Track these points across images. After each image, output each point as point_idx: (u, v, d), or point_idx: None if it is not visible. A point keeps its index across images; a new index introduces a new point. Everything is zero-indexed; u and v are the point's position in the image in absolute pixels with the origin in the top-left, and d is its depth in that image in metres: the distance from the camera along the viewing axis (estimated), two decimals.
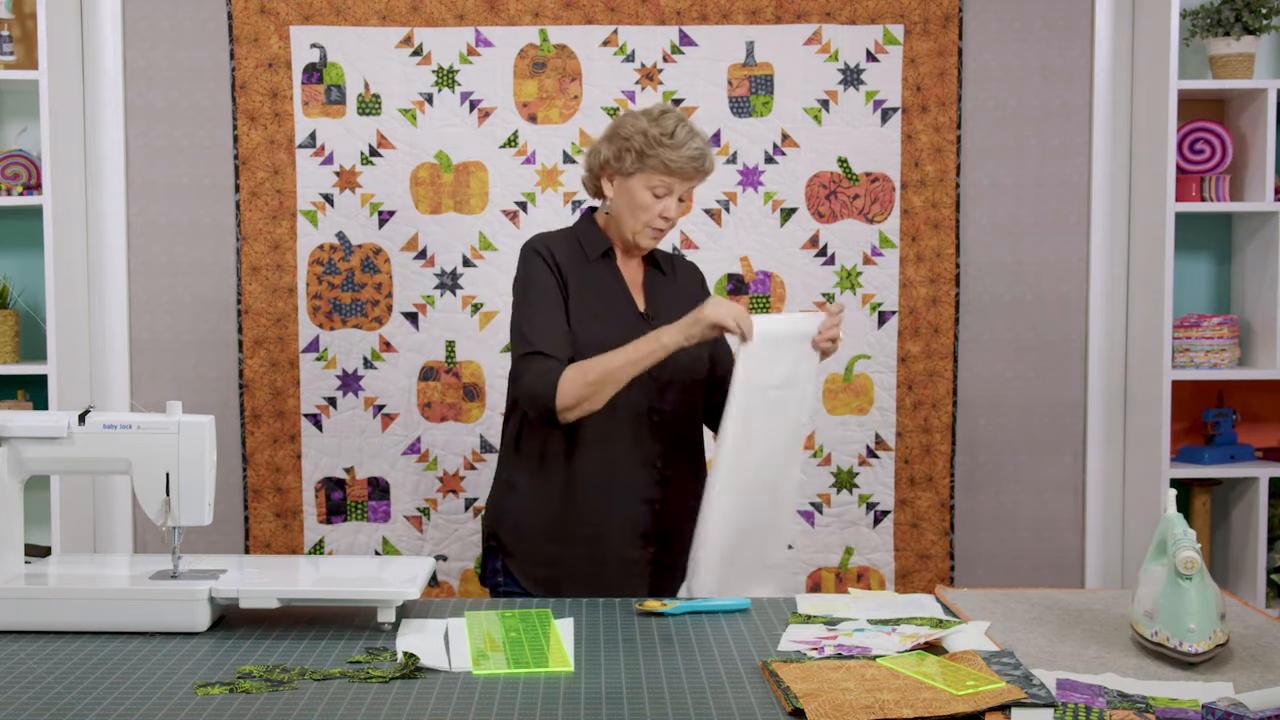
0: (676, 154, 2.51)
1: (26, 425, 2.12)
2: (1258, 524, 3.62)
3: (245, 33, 3.65)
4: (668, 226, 2.59)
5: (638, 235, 2.58)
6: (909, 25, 3.70)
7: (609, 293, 2.61)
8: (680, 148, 2.51)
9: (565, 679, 1.80)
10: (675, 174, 2.53)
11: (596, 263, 2.62)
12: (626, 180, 2.57)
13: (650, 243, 2.60)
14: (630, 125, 2.56)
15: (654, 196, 2.54)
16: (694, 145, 2.52)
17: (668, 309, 2.64)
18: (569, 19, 3.67)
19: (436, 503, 3.73)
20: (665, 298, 2.68)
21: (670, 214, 2.56)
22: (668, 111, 2.57)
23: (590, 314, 2.57)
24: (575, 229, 2.67)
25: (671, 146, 2.51)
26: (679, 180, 2.54)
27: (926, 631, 1.97)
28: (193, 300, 3.71)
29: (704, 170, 2.56)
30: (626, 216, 2.58)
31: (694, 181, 2.57)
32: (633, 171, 2.55)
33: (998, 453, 3.78)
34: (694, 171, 2.54)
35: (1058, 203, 3.74)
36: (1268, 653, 1.91)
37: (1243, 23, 3.58)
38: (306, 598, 2.06)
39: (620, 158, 2.56)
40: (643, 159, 2.53)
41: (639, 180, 2.55)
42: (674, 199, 2.56)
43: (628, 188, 2.57)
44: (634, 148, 2.54)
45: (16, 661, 1.88)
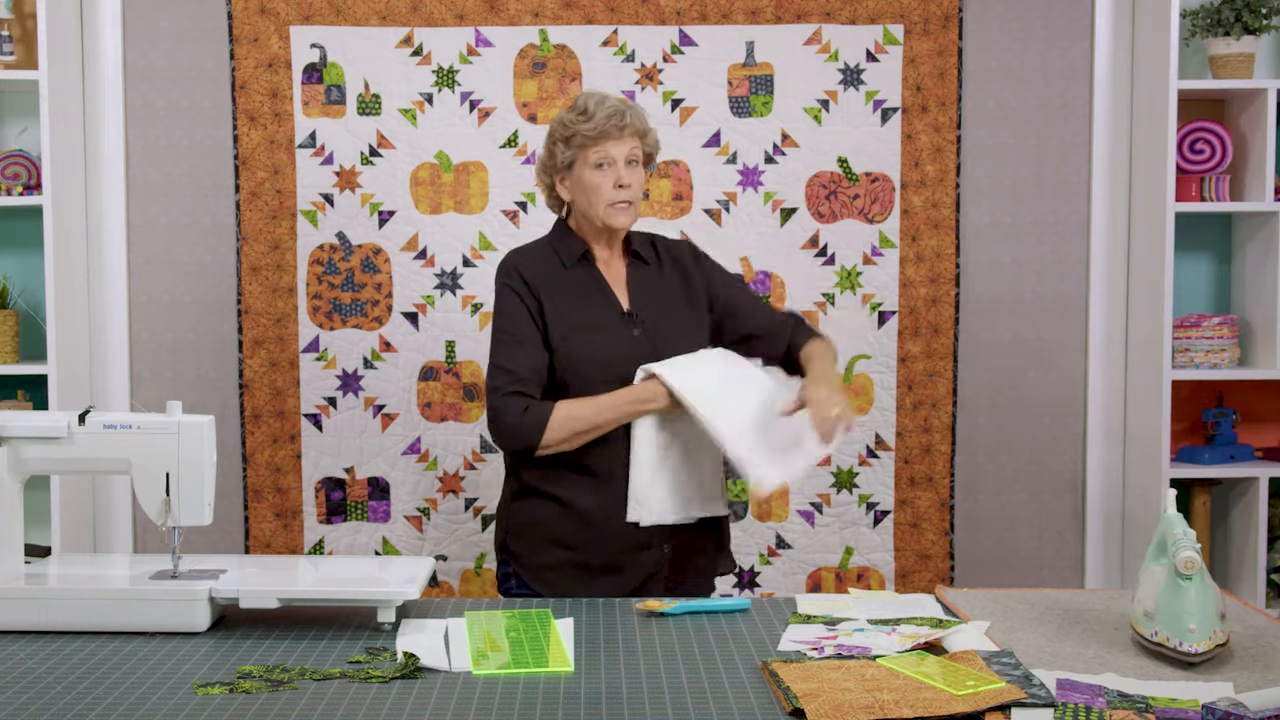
0: (592, 121, 2.51)
1: (26, 425, 2.12)
2: (1258, 524, 3.62)
3: (245, 33, 3.65)
4: (630, 197, 2.54)
5: (607, 217, 2.54)
6: (909, 25, 3.70)
7: (590, 297, 2.59)
8: (594, 115, 2.51)
9: (565, 679, 1.80)
10: (602, 139, 2.51)
11: (575, 268, 2.60)
12: (571, 173, 2.57)
13: (624, 220, 2.56)
14: (552, 124, 2.61)
15: (598, 170, 2.52)
16: (608, 106, 2.52)
17: (656, 300, 2.62)
18: (569, 19, 3.67)
19: (436, 503, 3.73)
20: (652, 289, 2.64)
21: (625, 181, 2.53)
22: (581, 94, 2.59)
23: (573, 323, 2.54)
24: (550, 238, 2.66)
25: (586, 119, 2.52)
26: (611, 144, 2.52)
27: (926, 631, 1.97)
28: (193, 300, 3.71)
29: (628, 125, 2.53)
30: (587, 205, 2.56)
31: (628, 142, 2.54)
32: (570, 161, 2.55)
33: (998, 453, 3.78)
34: (617, 130, 2.51)
35: (1058, 203, 3.74)
36: (1268, 653, 1.91)
37: (1243, 23, 3.58)
38: (306, 598, 2.06)
39: (553, 155, 2.58)
40: (570, 143, 2.54)
41: (580, 165, 2.54)
42: (621, 166, 2.53)
43: (575, 179, 2.56)
44: (558, 138, 2.56)
45: (16, 661, 1.88)
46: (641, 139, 2.57)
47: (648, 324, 2.59)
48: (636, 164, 2.56)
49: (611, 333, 2.55)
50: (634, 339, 2.57)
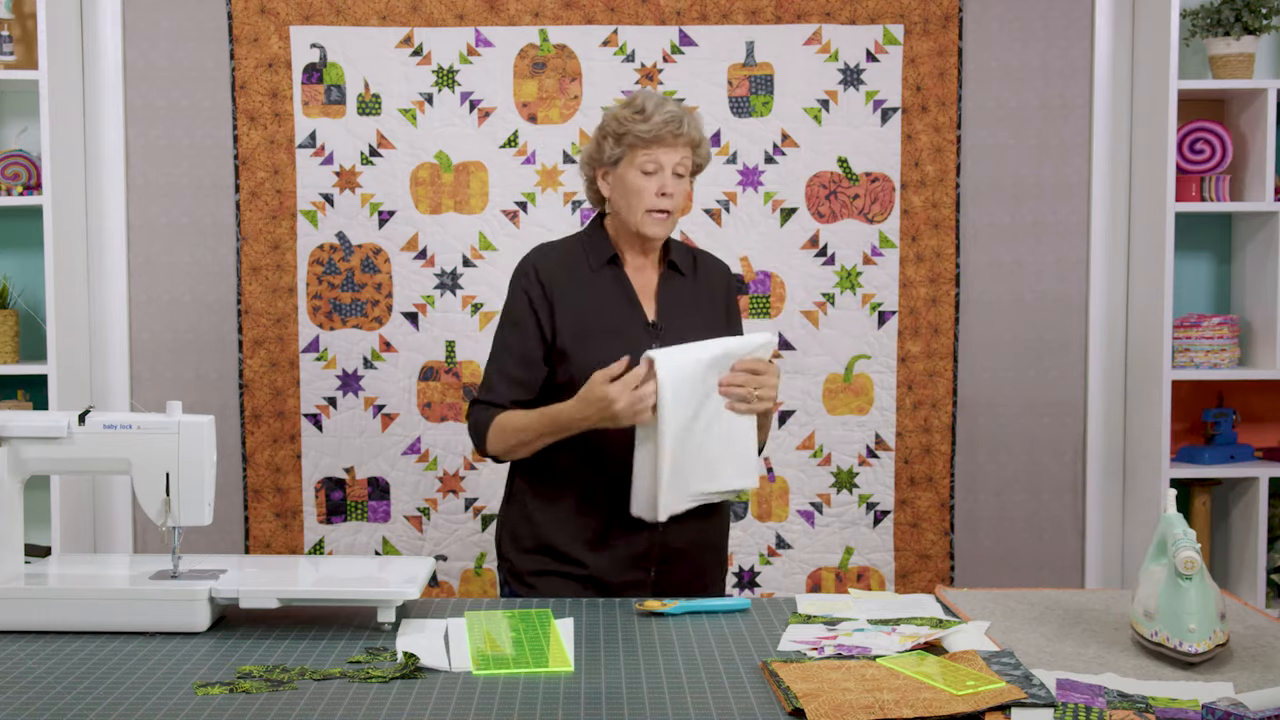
0: (649, 124, 2.44)
1: (26, 425, 2.12)
2: (1258, 524, 3.62)
3: (245, 33, 3.65)
4: (671, 207, 2.47)
5: (643, 225, 2.47)
6: (909, 25, 3.70)
7: (613, 303, 2.50)
8: (651, 117, 2.44)
9: (565, 679, 1.80)
10: (655, 144, 2.44)
11: (601, 271, 2.52)
12: (615, 170, 2.49)
13: (659, 230, 2.48)
14: (605, 117, 2.54)
15: (644, 174, 2.45)
16: (666, 110, 2.44)
17: (685, 314, 2.55)
18: (569, 19, 3.67)
19: (436, 503, 3.73)
20: (683, 302, 2.56)
21: (668, 190, 2.46)
22: (640, 92, 2.52)
23: (590, 328, 2.47)
24: (582, 236, 2.59)
25: (642, 119, 2.45)
26: (662, 151, 2.45)
27: (926, 631, 1.97)
28: (193, 300, 3.71)
29: (684, 134, 2.46)
30: (625, 207, 2.49)
31: (679, 151, 2.47)
32: (617, 158, 2.48)
33: (998, 453, 3.78)
34: (672, 137, 2.45)
35: (1058, 203, 3.74)
36: (1268, 653, 1.91)
37: (1243, 23, 3.58)
38: (306, 598, 2.06)
39: (600, 148, 2.52)
40: (620, 140, 2.47)
41: (626, 165, 2.47)
42: (668, 174, 2.46)
43: (619, 177, 2.49)
44: (610, 133, 2.49)
45: (16, 661, 1.88)
46: (694, 150, 2.49)
47: (671, 337, 2.48)
48: (684, 175, 2.49)
49: (630, 342, 2.44)
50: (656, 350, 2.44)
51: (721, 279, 2.66)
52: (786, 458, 3.75)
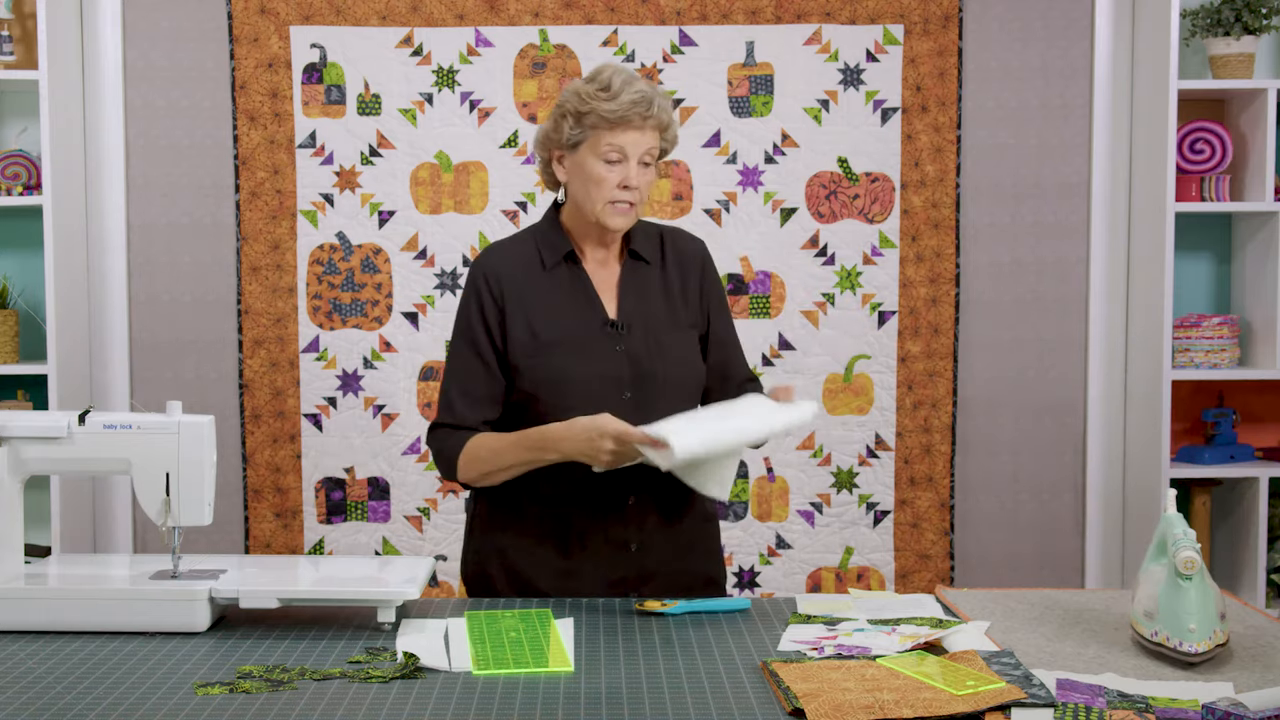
0: (614, 103, 2.19)
1: (26, 425, 2.12)
2: (1258, 524, 3.62)
3: (245, 33, 3.65)
4: (635, 199, 2.24)
5: (602, 215, 2.24)
6: (909, 25, 3.70)
7: (570, 305, 2.30)
8: (618, 95, 2.20)
9: (565, 679, 1.80)
10: (619, 126, 2.20)
11: (557, 269, 2.31)
12: (574, 154, 2.25)
13: (620, 221, 2.26)
14: (566, 91, 2.28)
15: (606, 163, 2.22)
16: (634, 89, 2.20)
17: (647, 309, 2.33)
18: (569, 19, 3.67)
19: (436, 503, 3.73)
20: (648, 295, 2.34)
21: (632, 181, 2.22)
22: (605, 66, 2.27)
23: (544, 338, 2.27)
24: (535, 232, 2.37)
25: (607, 97, 2.20)
26: (628, 135, 2.21)
27: (926, 631, 1.97)
28: (193, 300, 3.71)
29: (652, 117, 2.22)
30: (584, 197, 2.25)
31: (647, 136, 2.23)
32: (577, 141, 2.24)
33: (998, 453, 3.78)
34: (640, 120, 2.21)
35: (1058, 202, 3.74)
36: (1268, 653, 1.91)
37: (1243, 23, 3.58)
38: (306, 598, 2.06)
39: (559, 128, 2.26)
40: (581, 121, 2.22)
41: (586, 149, 2.23)
42: (633, 163, 2.22)
43: (577, 163, 2.25)
44: (570, 111, 2.24)
45: (16, 661, 1.88)
46: (662, 133, 2.26)
47: (634, 336, 2.29)
48: (650, 163, 2.26)
49: (589, 349, 2.27)
50: (614, 355, 2.28)
51: (694, 260, 2.41)
52: (786, 458, 3.75)
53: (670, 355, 2.31)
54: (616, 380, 2.27)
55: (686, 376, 2.34)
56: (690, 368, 2.35)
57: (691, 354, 2.35)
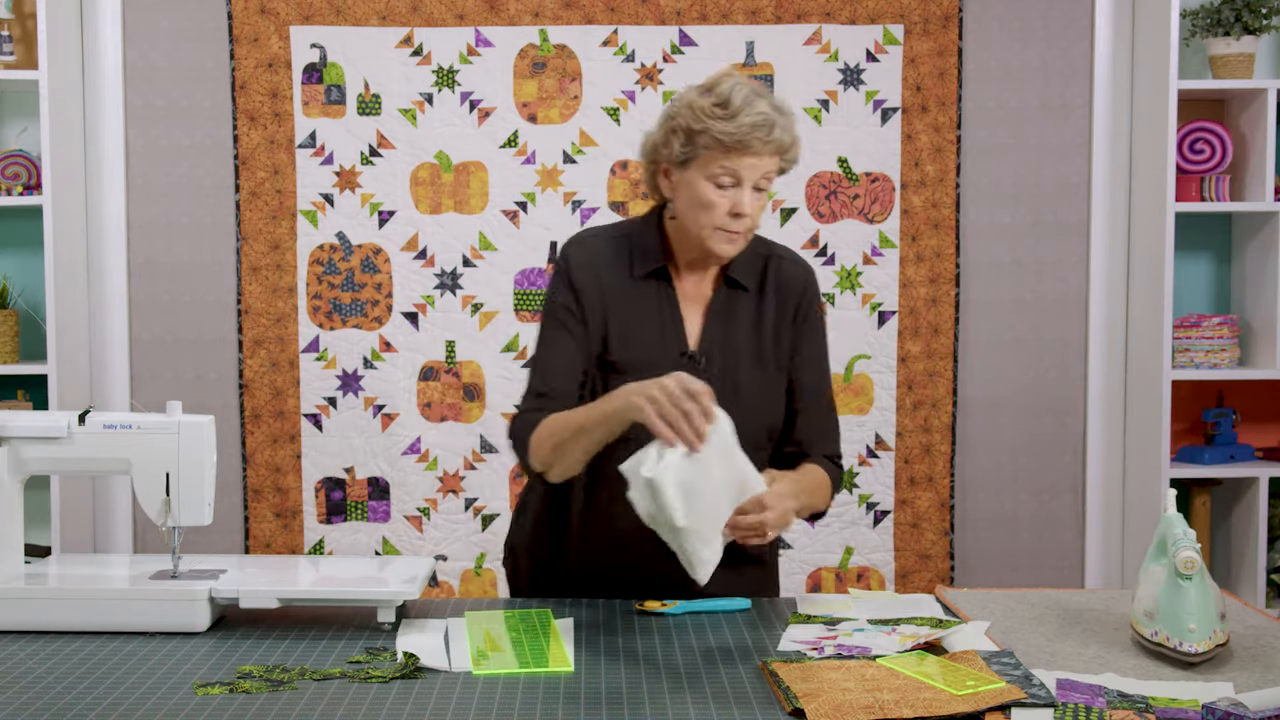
0: (732, 124, 1.98)
1: (26, 425, 2.12)
2: (1258, 524, 3.62)
3: (245, 33, 3.65)
4: (745, 227, 2.04)
5: (710, 241, 2.05)
6: (909, 25, 3.70)
7: (649, 325, 2.11)
8: (736, 115, 1.98)
9: (565, 679, 1.79)
10: (736, 150, 1.99)
11: (645, 281, 2.12)
12: (683, 172, 2.04)
13: (728, 249, 2.06)
14: (679, 100, 2.06)
15: (717, 187, 2.02)
16: (756, 110, 1.99)
17: (732, 343, 2.13)
18: (569, 19, 3.67)
19: (436, 503, 3.73)
20: (735, 327, 2.14)
21: (744, 209, 2.02)
22: (726, 77, 2.05)
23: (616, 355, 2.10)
24: (632, 230, 2.17)
25: (725, 116, 1.99)
26: (744, 160, 2.00)
27: (926, 631, 1.97)
28: (193, 300, 3.70)
29: (773, 141, 2.01)
30: (691, 219, 2.05)
31: (765, 160, 2.01)
32: (686, 159, 2.03)
33: (998, 453, 3.78)
34: (760, 144, 1.99)
35: (1058, 203, 3.74)
36: (1268, 653, 1.91)
37: (1243, 23, 3.58)
38: (306, 598, 2.06)
39: (668, 142, 2.05)
40: (693, 140, 2.01)
41: (696, 169, 2.02)
42: (746, 189, 2.02)
43: (686, 181, 2.04)
44: (681, 126, 2.02)
45: (16, 661, 1.88)
46: (782, 155, 2.04)
47: (710, 372, 2.10)
48: (765, 188, 2.05)
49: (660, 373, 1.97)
50: None
51: (795, 291, 2.20)
52: None
53: (745, 399, 2.11)
54: None
55: (757, 424, 2.13)
56: (764, 416, 2.16)
57: (770, 399, 2.16)
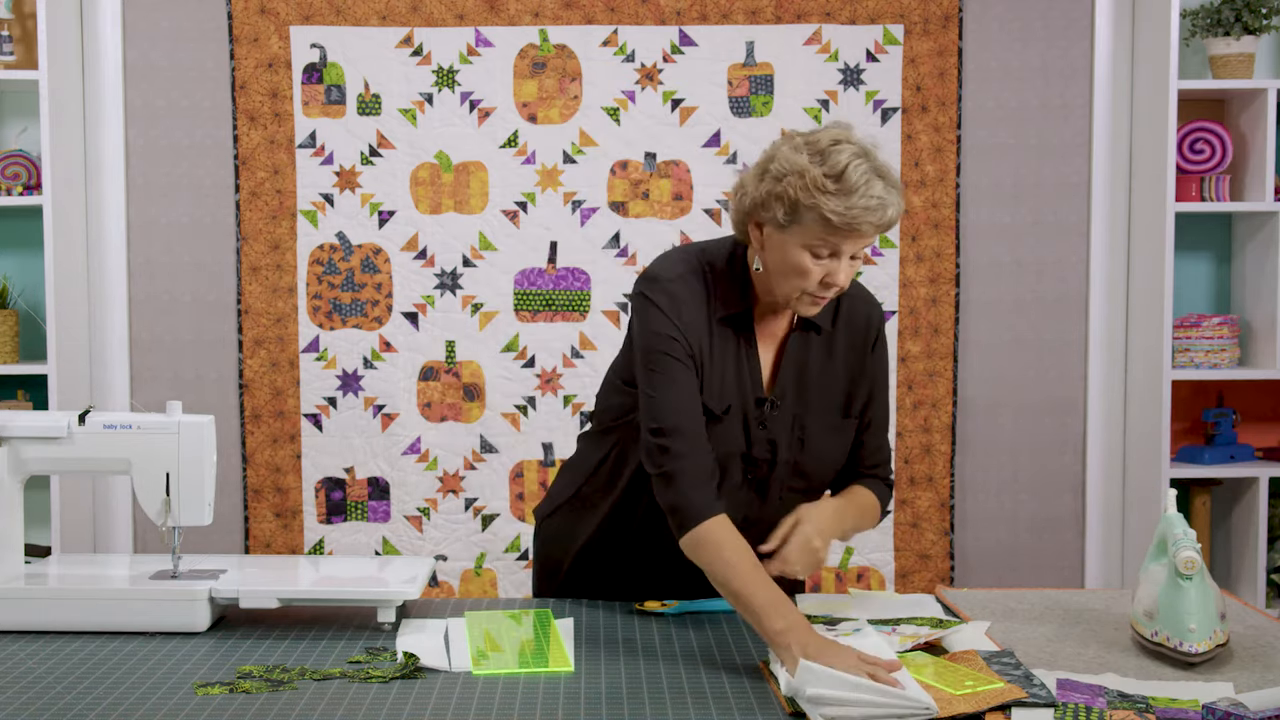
0: (844, 204, 1.86)
1: (26, 425, 2.12)
2: (1258, 524, 3.62)
3: (245, 33, 3.65)
4: (834, 294, 1.96)
5: (795, 304, 1.97)
6: (909, 25, 3.70)
7: (729, 366, 2.02)
8: (851, 194, 1.85)
9: (565, 679, 1.80)
10: (842, 231, 1.87)
11: (726, 321, 2.02)
12: (779, 234, 1.92)
13: (812, 310, 1.98)
14: (786, 161, 1.92)
15: (814, 257, 1.91)
16: (872, 194, 1.86)
17: (807, 387, 2.07)
18: (569, 19, 3.67)
19: (436, 503, 3.73)
20: (809, 370, 2.07)
21: (837, 279, 1.91)
22: (840, 144, 1.91)
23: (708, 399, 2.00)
24: (713, 271, 2.04)
25: (838, 193, 1.86)
26: (849, 239, 1.89)
27: (926, 631, 1.97)
28: (193, 300, 3.70)
29: (882, 225, 1.89)
30: (778, 278, 1.95)
31: (867, 239, 1.91)
32: (785, 224, 1.90)
33: (998, 453, 3.78)
34: (870, 228, 1.87)
35: (1058, 203, 3.74)
36: (1268, 653, 1.91)
37: (1243, 23, 3.58)
38: (306, 598, 2.06)
39: (769, 205, 1.92)
40: (796, 212, 1.88)
41: (794, 236, 1.90)
42: (844, 261, 1.91)
43: (779, 243, 1.92)
44: (787, 195, 1.89)
45: (16, 661, 1.88)
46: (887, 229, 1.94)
47: (783, 417, 2.04)
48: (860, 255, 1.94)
49: (733, 421, 2.01)
50: (757, 433, 2.04)
51: (863, 329, 2.11)
52: None
53: (812, 447, 2.07)
54: (745, 457, 2.04)
55: (825, 468, 2.11)
56: (832, 459, 2.11)
57: (834, 447, 2.11)
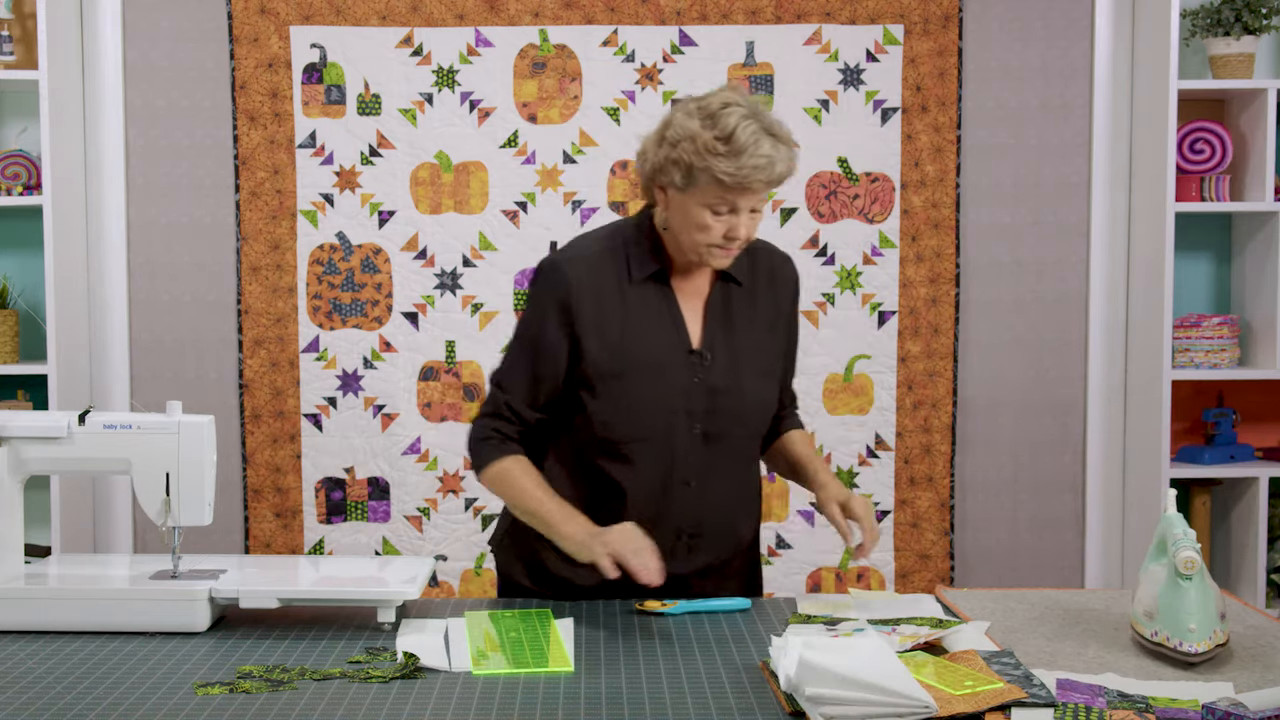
0: (734, 164, 1.97)
1: (26, 425, 2.12)
2: (1258, 524, 3.62)
3: (245, 33, 3.65)
4: (739, 246, 2.06)
5: (703, 257, 2.07)
6: (909, 25, 3.70)
7: (653, 326, 2.12)
8: (740, 155, 1.97)
9: (565, 679, 1.80)
10: (735, 189, 1.99)
11: (643, 285, 2.13)
12: (680, 195, 2.04)
13: (723, 262, 2.08)
14: (680, 127, 2.03)
15: (714, 214, 2.02)
16: (760, 152, 1.97)
17: (734, 336, 2.17)
18: (569, 19, 3.67)
19: (436, 503, 3.73)
20: (735, 321, 2.17)
21: (740, 234, 2.03)
22: (730, 106, 2.02)
23: (624, 359, 2.11)
24: (624, 239, 2.16)
25: (728, 154, 1.97)
26: (743, 196, 2.01)
27: (926, 631, 1.97)
28: (193, 300, 3.70)
29: (772, 181, 2.01)
30: (684, 236, 2.07)
31: (762, 194, 2.03)
32: (684, 186, 2.02)
33: (998, 453, 3.78)
34: (760, 185, 1.99)
35: (1058, 203, 3.74)
36: (1268, 653, 1.91)
37: (1243, 23, 3.58)
38: (306, 598, 2.06)
39: (666, 170, 2.04)
40: (692, 174, 2.00)
41: (693, 197, 2.02)
42: (742, 215, 2.03)
43: (681, 204, 2.04)
44: (682, 160, 2.01)
45: (16, 661, 1.88)
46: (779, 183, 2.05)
47: (716, 367, 2.14)
48: (760, 207, 2.06)
49: (665, 377, 2.11)
50: (693, 386, 2.13)
51: (787, 284, 2.24)
52: None
53: (748, 391, 2.17)
54: (689, 413, 2.13)
55: (761, 415, 2.22)
56: (766, 408, 2.23)
57: (770, 391, 2.22)
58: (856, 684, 1.62)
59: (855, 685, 1.62)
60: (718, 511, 2.22)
